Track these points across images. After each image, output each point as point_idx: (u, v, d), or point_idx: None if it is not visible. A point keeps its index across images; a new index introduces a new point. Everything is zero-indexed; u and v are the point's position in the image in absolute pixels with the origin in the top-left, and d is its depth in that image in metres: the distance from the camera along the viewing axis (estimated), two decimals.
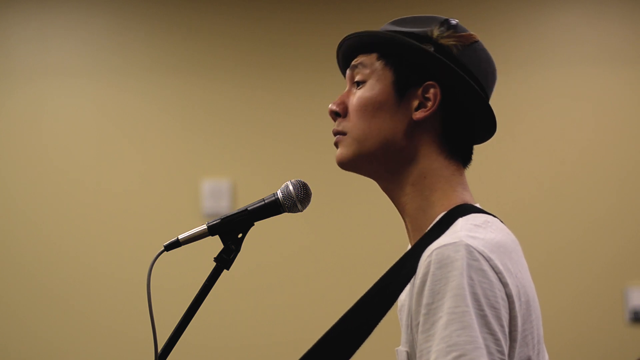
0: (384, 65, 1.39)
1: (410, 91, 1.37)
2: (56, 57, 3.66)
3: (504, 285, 1.20)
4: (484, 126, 1.42)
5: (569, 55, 3.69)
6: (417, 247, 1.29)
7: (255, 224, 1.43)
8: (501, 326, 1.18)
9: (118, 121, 3.65)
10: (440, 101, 1.36)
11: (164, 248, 1.42)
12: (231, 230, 1.42)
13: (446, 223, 1.30)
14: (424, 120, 1.37)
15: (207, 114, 3.66)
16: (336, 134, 1.42)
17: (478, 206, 1.38)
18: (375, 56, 1.40)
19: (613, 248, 3.58)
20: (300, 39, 3.67)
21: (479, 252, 1.20)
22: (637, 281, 3.57)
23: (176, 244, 1.43)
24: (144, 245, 3.44)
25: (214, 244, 1.45)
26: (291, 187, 1.43)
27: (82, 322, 3.53)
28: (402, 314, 1.39)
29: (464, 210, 1.32)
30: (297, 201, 1.42)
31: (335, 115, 1.42)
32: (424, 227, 1.35)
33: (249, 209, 1.43)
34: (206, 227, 1.42)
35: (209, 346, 3.50)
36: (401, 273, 1.29)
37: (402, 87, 1.37)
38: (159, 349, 1.39)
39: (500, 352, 1.17)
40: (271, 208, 1.43)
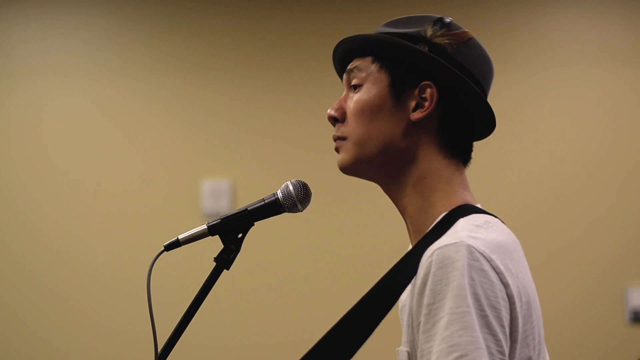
0: (379, 68, 1.39)
1: (406, 92, 1.37)
2: (56, 57, 3.66)
3: (505, 286, 1.20)
4: (483, 123, 1.41)
5: (569, 55, 3.69)
6: (418, 248, 1.29)
7: (255, 224, 1.43)
8: (502, 326, 1.18)
9: (118, 121, 3.65)
10: (438, 100, 1.36)
11: (164, 248, 1.42)
12: (231, 230, 1.42)
13: (447, 223, 1.30)
14: (422, 120, 1.37)
15: (207, 114, 3.66)
16: (336, 139, 1.42)
17: (479, 206, 1.38)
18: (370, 59, 1.40)
19: (613, 248, 3.58)
20: (300, 39, 3.67)
21: (480, 253, 1.20)
22: (637, 281, 3.57)
23: (176, 244, 1.43)
24: (144, 245, 3.44)
25: (214, 244, 1.45)
26: (291, 187, 1.43)
27: (82, 322, 3.53)
28: (403, 314, 1.39)
29: (464, 211, 1.32)
30: (297, 201, 1.42)
31: (334, 121, 1.42)
32: (425, 228, 1.35)
33: (249, 209, 1.43)
34: (206, 227, 1.42)
35: (209, 346, 3.50)
36: (402, 273, 1.29)
37: (398, 89, 1.37)
38: (159, 349, 1.39)
39: (501, 352, 1.17)
40: (271, 208, 1.43)
